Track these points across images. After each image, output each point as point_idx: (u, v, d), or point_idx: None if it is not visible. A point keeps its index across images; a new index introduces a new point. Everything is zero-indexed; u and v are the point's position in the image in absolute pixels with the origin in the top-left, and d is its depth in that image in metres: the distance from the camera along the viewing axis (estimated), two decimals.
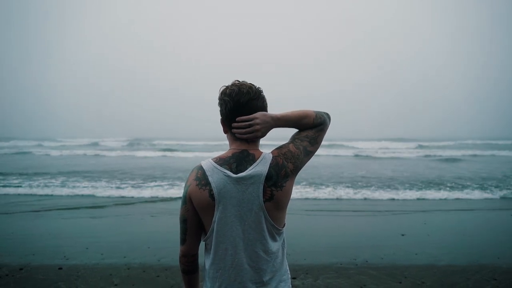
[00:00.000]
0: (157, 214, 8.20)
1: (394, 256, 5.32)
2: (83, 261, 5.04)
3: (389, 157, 27.27)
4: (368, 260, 5.14)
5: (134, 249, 5.57)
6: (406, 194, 10.65)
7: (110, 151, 32.44)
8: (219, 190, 1.46)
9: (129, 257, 5.20)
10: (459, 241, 6.16)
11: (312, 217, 8.07)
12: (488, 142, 49.85)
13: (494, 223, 7.59)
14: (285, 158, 1.53)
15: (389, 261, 5.09)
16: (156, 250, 5.49)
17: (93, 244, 5.82)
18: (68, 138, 64.11)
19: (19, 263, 4.93)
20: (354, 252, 5.48)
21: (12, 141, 49.66)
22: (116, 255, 5.29)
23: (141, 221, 7.60)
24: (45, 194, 10.72)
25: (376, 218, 8.00)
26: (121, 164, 20.98)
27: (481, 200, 10.17)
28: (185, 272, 1.63)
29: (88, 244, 5.79)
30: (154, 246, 5.70)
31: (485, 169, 17.68)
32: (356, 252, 5.46)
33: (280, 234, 1.56)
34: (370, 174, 15.62)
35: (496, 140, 54.80)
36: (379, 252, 5.48)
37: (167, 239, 6.02)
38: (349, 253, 5.41)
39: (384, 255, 5.32)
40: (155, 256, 5.24)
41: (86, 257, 5.20)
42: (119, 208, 8.99)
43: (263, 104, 1.53)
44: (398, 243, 5.98)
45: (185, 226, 1.55)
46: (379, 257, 5.24)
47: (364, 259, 5.16)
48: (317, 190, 11.26)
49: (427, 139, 65.67)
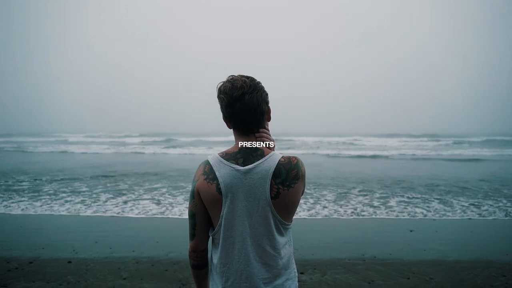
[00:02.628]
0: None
1: (402, 252, 5.30)
2: (92, 255, 5.09)
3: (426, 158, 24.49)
4: (376, 255, 5.12)
5: (143, 244, 5.61)
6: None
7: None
8: (226, 185, 1.45)
9: (138, 251, 5.24)
10: (467, 238, 6.12)
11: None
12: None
13: (502, 219, 7.51)
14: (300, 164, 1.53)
15: (397, 257, 5.07)
16: (165, 245, 5.53)
17: (102, 238, 5.88)
18: (81, 134, 64.16)
19: (29, 256, 4.99)
20: (362, 247, 5.47)
21: (40, 137, 48.99)
22: (124, 249, 5.34)
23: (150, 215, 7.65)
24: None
25: (385, 213, 7.96)
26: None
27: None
28: (195, 267, 1.62)
29: (97, 238, 5.84)
30: (163, 241, 5.74)
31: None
32: (364, 248, 5.45)
33: (287, 230, 1.55)
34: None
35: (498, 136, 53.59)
36: (387, 248, 5.46)
37: (175, 234, 6.05)
38: (357, 249, 5.40)
39: (392, 251, 5.31)
40: (163, 251, 5.27)
41: (95, 251, 5.25)
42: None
43: (261, 96, 1.51)
44: (407, 239, 5.96)
45: (194, 221, 1.54)
46: (387, 253, 5.23)
47: (372, 255, 5.15)
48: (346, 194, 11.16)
49: (444, 135, 64.82)
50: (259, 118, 1.53)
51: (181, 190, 10.51)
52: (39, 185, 11.33)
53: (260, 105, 1.51)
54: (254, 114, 1.51)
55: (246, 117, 1.50)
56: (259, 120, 1.54)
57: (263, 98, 1.53)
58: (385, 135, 64.84)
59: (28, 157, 22.89)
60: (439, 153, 28.39)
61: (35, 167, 16.64)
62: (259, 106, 1.51)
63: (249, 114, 1.50)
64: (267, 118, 1.59)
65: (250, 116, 1.50)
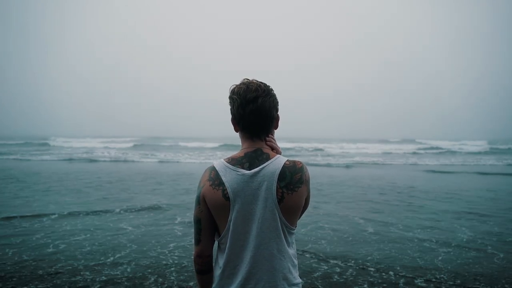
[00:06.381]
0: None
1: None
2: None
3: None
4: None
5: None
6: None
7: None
8: (233, 189, 1.46)
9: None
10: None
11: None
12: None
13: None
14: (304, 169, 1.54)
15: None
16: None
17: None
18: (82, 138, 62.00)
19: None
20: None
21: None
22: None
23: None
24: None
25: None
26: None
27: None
28: (200, 272, 1.62)
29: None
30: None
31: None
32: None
33: (292, 235, 1.56)
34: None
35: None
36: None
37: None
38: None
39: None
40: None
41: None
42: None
43: (272, 102, 1.53)
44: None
45: (200, 226, 1.55)
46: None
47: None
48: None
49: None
50: (268, 123, 1.54)
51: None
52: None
53: (271, 111, 1.53)
54: (264, 119, 1.52)
55: (256, 121, 1.51)
56: (268, 125, 1.55)
57: (275, 104, 1.54)
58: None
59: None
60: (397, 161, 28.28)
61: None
62: (270, 111, 1.52)
63: (260, 118, 1.51)
64: (275, 125, 1.60)
65: (260, 120, 1.52)
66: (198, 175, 5.02)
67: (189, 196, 10.29)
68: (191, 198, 9.51)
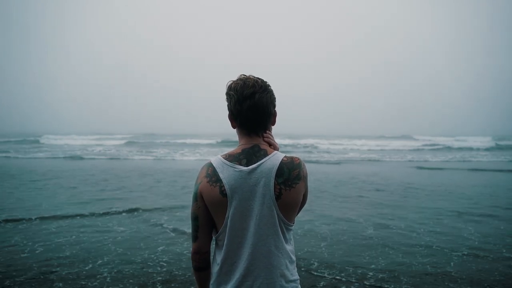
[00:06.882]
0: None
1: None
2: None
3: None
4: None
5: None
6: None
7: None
8: (230, 186, 1.45)
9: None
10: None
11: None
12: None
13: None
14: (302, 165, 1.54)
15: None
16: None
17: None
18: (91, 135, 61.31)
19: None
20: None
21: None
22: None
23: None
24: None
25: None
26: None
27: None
28: (197, 269, 1.60)
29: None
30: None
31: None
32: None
33: (290, 231, 1.55)
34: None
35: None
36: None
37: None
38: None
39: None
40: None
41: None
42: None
43: (270, 98, 1.53)
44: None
45: (197, 223, 1.54)
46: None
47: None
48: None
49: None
50: (265, 119, 1.54)
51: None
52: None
53: (268, 107, 1.52)
54: (261, 115, 1.51)
55: (253, 117, 1.50)
56: (265, 121, 1.54)
57: (272, 100, 1.54)
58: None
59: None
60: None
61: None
62: (267, 107, 1.52)
63: (257, 114, 1.50)
64: (272, 121, 1.60)
65: (257, 116, 1.51)
66: (195, 172, 4.64)
67: (186, 195, 9.97)
68: (188, 197, 9.15)
